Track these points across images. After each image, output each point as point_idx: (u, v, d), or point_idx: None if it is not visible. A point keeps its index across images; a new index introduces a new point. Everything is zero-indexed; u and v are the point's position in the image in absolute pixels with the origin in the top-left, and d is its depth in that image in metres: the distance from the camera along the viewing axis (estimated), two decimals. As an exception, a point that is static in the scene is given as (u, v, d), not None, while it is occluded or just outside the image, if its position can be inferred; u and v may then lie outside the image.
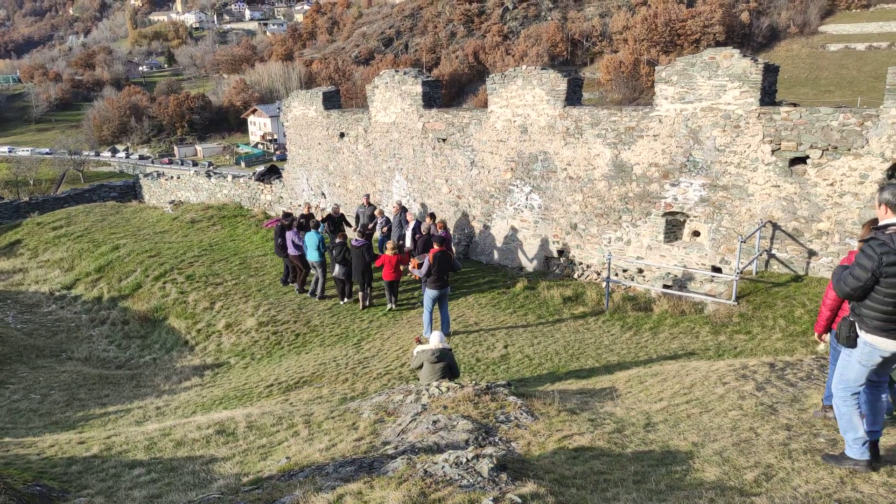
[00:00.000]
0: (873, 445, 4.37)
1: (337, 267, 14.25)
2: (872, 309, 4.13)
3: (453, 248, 14.97)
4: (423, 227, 14.46)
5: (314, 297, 15.04)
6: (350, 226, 18.30)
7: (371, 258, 13.88)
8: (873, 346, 4.20)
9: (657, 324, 11.69)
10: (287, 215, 17.37)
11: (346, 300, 14.69)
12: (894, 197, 4.12)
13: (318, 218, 18.11)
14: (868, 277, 4.06)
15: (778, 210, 11.47)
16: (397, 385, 8.70)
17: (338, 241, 14.27)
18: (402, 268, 13.82)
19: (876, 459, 4.36)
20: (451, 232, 15.79)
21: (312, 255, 14.75)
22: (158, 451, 6.21)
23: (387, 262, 13.42)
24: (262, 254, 18.39)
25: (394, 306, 14.06)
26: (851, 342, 4.30)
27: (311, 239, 14.68)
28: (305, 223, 16.44)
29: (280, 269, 16.60)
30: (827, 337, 5.54)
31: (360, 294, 14.19)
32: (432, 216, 14.87)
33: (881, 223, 4.22)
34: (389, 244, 13.68)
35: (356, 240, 13.94)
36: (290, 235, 15.29)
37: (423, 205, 17.05)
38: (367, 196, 17.55)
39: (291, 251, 15.33)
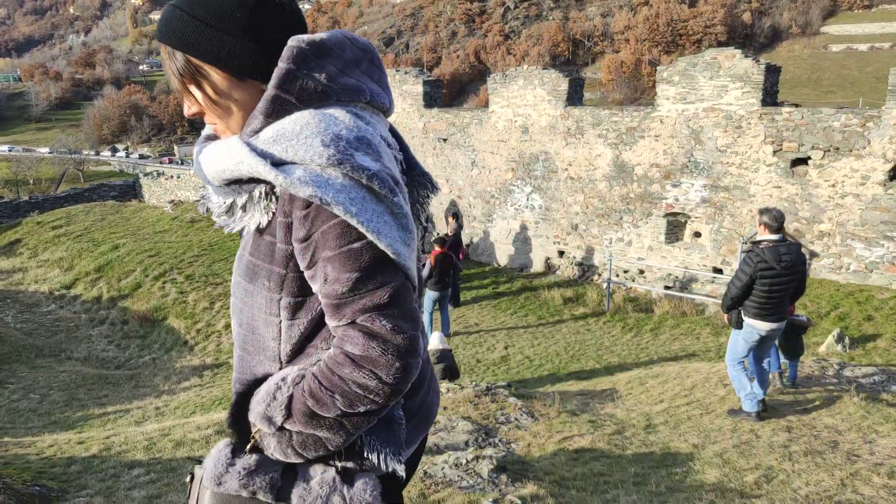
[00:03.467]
0: (762, 402, 5.71)
1: None
2: (751, 301, 5.58)
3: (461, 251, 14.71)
4: (451, 229, 14.18)
5: None
6: None
7: None
8: (753, 327, 5.61)
9: (658, 325, 11.67)
10: None
11: None
12: (770, 219, 5.59)
13: None
14: (747, 279, 5.50)
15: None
16: (397, 385, 8.68)
17: None
18: None
19: (764, 410, 5.71)
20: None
21: None
22: (158, 452, 6.19)
23: None
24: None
25: None
26: (738, 325, 5.72)
27: None
28: None
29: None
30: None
31: None
32: (455, 216, 14.70)
33: (758, 238, 5.65)
34: None
35: None
36: None
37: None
38: None
39: None
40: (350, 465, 1.31)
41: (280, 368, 1.33)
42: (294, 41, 1.27)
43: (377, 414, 1.24)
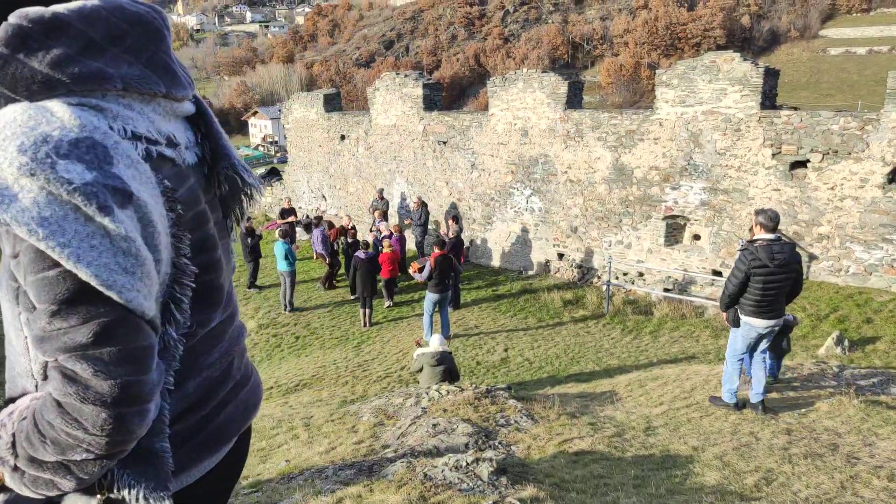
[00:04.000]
0: (761, 403, 5.92)
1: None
2: (747, 299, 5.77)
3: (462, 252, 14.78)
4: (453, 231, 14.23)
5: (284, 310, 14.29)
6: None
7: (378, 269, 13.40)
8: (750, 324, 5.82)
9: (657, 327, 11.68)
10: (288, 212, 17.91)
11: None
12: (766, 219, 5.73)
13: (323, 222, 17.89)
14: (742, 277, 5.66)
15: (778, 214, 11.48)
16: (397, 388, 8.69)
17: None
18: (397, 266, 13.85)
19: (763, 412, 5.89)
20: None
21: (281, 266, 14.08)
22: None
23: (385, 260, 13.32)
24: (261, 256, 18.37)
25: (391, 303, 14.08)
26: (736, 323, 5.92)
27: (278, 249, 14.02)
28: (287, 218, 17.06)
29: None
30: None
31: (362, 311, 13.33)
32: (455, 219, 14.72)
33: (754, 238, 5.81)
34: (386, 242, 13.60)
35: (364, 252, 13.13)
36: (317, 234, 16.00)
37: (423, 203, 17.05)
38: (381, 191, 17.42)
39: (319, 248, 16.02)
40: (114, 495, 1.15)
41: (37, 386, 1.17)
42: (14, 17, 1.03)
43: (107, 459, 1.06)
